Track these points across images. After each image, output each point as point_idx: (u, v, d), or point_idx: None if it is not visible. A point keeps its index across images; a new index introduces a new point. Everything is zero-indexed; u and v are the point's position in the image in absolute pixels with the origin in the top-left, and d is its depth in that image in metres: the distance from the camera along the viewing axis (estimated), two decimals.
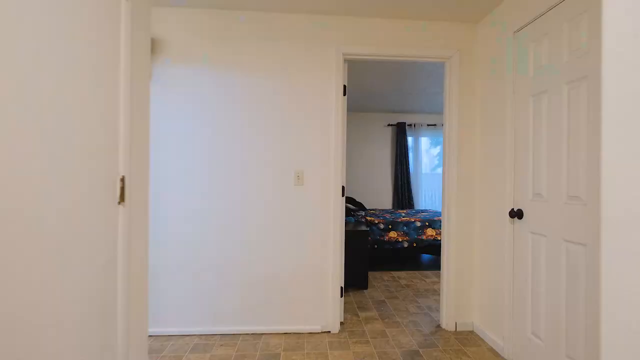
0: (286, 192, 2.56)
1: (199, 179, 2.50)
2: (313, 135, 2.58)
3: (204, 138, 2.51)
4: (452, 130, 2.66)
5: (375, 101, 5.51)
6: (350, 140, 6.33)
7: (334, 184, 2.59)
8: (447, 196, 2.66)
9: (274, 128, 2.56)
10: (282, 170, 2.56)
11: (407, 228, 4.50)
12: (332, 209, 2.59)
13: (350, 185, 6.29)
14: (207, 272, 2.51)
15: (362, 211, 5.07)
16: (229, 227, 2.53)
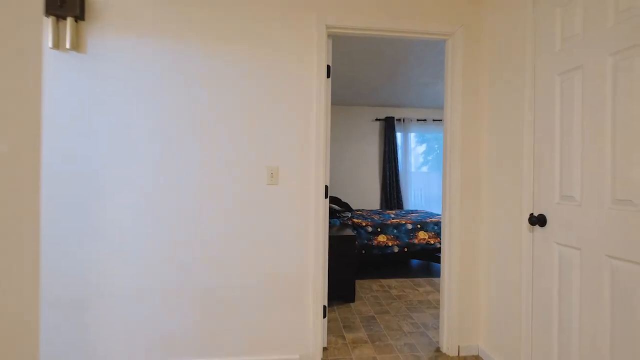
0: (257, 194, 2.10)
1: (142, 179, 2.02)
2: (290, 125, 2.13)
3: (147, 128, 2.03)
4: (455, 122, 2.25)
5: (361, 93, 5.10)
6: (336, 136, 5.90)
7: (316, 183, 2.15)
8: (449, 199, 2.25)
9: (241, 116, 2.09)
10: (252, 167, 2.10)
11: (398, 231, 4.11)
12: (313, 213, 2.15)
13: (335, 184, 5.87)
14: (155, 292, 2.03)
15: (348, 212, 4.66)
16: (183, 238, 2.05)
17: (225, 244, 2.08)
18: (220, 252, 2.08)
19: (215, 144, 2.07)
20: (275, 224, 2.12)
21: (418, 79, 4.34)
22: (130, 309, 2.02)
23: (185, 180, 2.05)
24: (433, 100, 5.45)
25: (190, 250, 2.06)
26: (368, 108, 5.97)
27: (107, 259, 2.00)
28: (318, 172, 2.15)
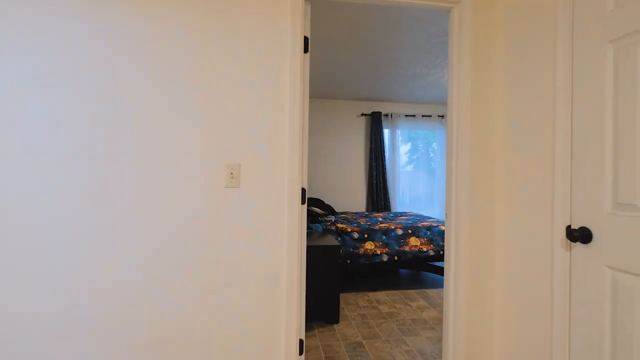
0: (209, 201, 1.62)
1: (51, 179, 1.50)
2: (256, 112, 1.66)
3: (59, 116, 1.51)
4: (462, 108, 1.82)
5: (345, 85, 4.65)
6: (317, 131, 5.44)
7: (290, 185, 1.68)
8: (454, 205, 1.83)
9: (190, 101, 1.60)
10: (205, 166, 1.61)
11: (387, 237, 3.68)
12: (286, 224, 1.68)
13: (317, 184, 5.41)
14: (50, 340, 1.52)
15: (331, 216, 4.21)
16: (102, 260, 1.55)
17: (164, 269, 1.58)
18: (156, 275, 1.58)
19: (154, 135, 1.57)
20: (235, 239, 1.63)
21: (408, 70, 3.92)
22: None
23: (101, 181, 1.54)
24: (423, 95, 5.06)
25: (119, 272, 1.55)
26: (353, 102, 5.53)
27: None
28: (293, 171, 1.68)
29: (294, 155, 1.68)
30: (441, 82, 4.35)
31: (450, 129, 1.89)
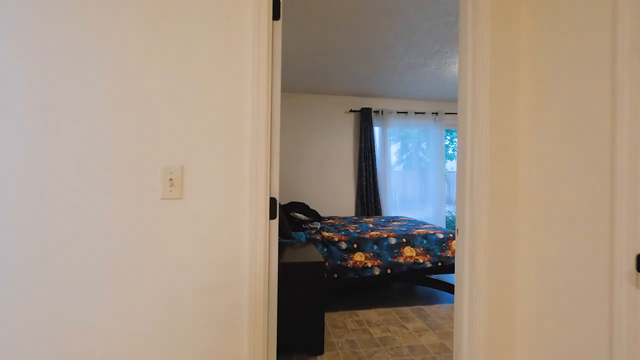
0: (142, 215, 1.17)
1: None
2: (207, 100, 1.22)
3: None
4: (480, 97, 1.41)
5: (332, 78, 4.23)
6: (302, 129, 5.00)
7: (254, 195, 1.24)
8: (470, 225, 1.42)
9: (111, 84, 1.15)
10: (135, 168, 1.16)
11: (378, 247, 3.27)
12: (247, 253, 1.25)
13: (301, 187, 4.97)
14: None
15: (316, 222, 3.78)
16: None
17: (75, 310, 1.13)
18: (65, 323, 1.12)
19: (62, 126, 1.11)
20: (174, 271, 1.19)
21: (402, 59, 3.52)
22: None
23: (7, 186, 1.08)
24: (418, 89, 4.67)
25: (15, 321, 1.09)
26: (340, 97, 5.11)
27: None
28: (257, 177, 1.25)
29: (258, 156, 1.25)
30: (438, 74, 3.96)
31: (462, 132, 1.48)
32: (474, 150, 1.42)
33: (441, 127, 5.35)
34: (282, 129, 4.92)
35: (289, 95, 4.92)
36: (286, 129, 4.93)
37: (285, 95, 4.92)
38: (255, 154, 1.24)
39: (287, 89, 4.73)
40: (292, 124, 4.94)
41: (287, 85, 4.56)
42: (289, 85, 4.58)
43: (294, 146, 4.95)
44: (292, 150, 4.95)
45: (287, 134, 4.94)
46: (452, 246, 3.40)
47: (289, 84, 4.52)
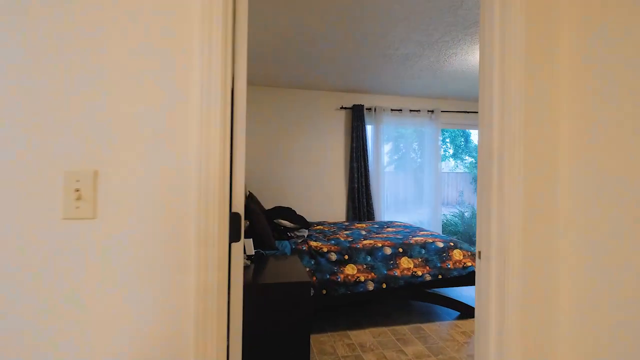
0: (30, 244, 0.78)
1: None
2: (134, 76, 0.84)
3: None
4: (513, 78, 1.07)
5: (321, 72, 3.87)
6: (288, 128, 4.63)
7: (207, 210, 0.87)
8: (498, 244, 1.07)
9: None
10: (23, 176, 0.78)
11: (372, 258, 2.93)
12: (192, 301, 0.87)
13: (287, 191, 4.60)
14: None
15: (303, 230, 3.42)
16: None
17: None
18: None
19: None
20: (82, 324, 0.81)
21: (398, 49, 3.18)
22: None
23: None
24: (414, 84, 4.34)
25: None
26: (330, 93, 4.76)
27: None
28: (212, 185, 0.88)
29: (212, 156, 0.88)
30: (436, 67, 3.64)
31: (484, 124, 1.13)
32: (503, 152, 1.07)
33: (437, 125, 5.04)
34: (266, 127, 4.54)
35: (273, 90, 4.54)
36: (270, 127, 4.56)
37: (269, 90, 4.54)
38: (208, 156, 0.88)
39: (270, 83, 4.36)
40: (277, 121, 4.57)
41: (270, 79, 4.18)
42: (273, 79, 4.21)
43: (280, 146, 4.57)
44: (277, 150, 4.57)
45: (272, 132, 4.56)
46: (454, 256, 3.08)
47: (272, 78, 4.15)
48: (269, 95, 4.53)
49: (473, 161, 15.54)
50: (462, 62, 3.45)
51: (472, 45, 3.03)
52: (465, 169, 15.72)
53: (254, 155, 4.48)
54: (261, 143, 4.51)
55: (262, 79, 4.16)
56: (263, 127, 4.52)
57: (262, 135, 4.51)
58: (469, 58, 3.34)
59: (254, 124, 4.50)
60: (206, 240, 0.87)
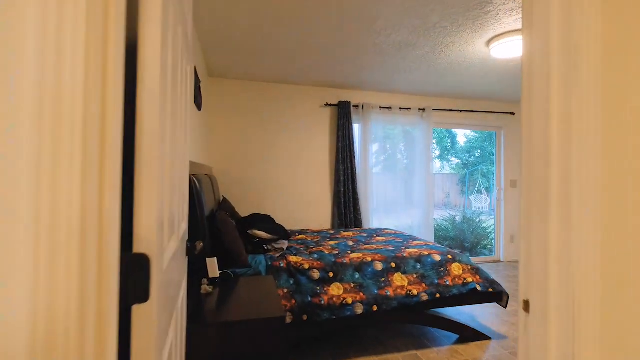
0: None
1: None
2: None
3: None
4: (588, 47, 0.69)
5: (304, 65, 3.47)
6: (268, 126, 4.21)
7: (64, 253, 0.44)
8: (565, 282, 0.69)
9: None
10: None
11: (361, 275, 2.54)
12: None
13: (265, 195, 4.17)
14: None
15: (283, 241, 3.00)
16: None
17: None
18: None
19: None
20: None
21: (390, 36, 2.81)
22: None
23: None
24: (403, 80, 3.99)
25: None
26: (314, 89, 4.36)
27: None
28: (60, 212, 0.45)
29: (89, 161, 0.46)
30: (431, 60, 3.28)
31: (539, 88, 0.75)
32: (569, 148, 0.69)
33: (429, 125, 4.70)
34: (243, 125, 4.10)
35: (250, 85, 4.11)
36: (247, 126, 4.12)
37: (245, 84, 4.11)
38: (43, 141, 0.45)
39: (246, 76, 3.93)
40: (254, 119, 4.14)
41: (246, 71, 3.75)
42: (248, 72, 3.78)
43: (258, 146, 4.14)
44: (255, 151, 4.14)
45: (249, 131, 4.13)
46: (452, 271, 2.72)
47: (247, 70, 3.72)
48: (245, 90, 4.10)
49: (460, 162, 15.45)
50: (459, 53, 3.10)
51: (473, 32, 2.68)
52: (451, 171, 15.62)
53: (228, 156, 4.04)
54: (237, 143, 4.07)
55: (235, 71, 3.72)
56: (239, 125, 4.08)
57: (237, 135, 4.07)
58: (467, 49, 3.00)
59: (228, 122, 4.05)
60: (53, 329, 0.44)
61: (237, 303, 1.72)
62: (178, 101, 1.08)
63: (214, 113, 3.99)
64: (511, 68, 3.49)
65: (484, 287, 2.70)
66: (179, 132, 1.15)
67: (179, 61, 1.01)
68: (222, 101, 4.01)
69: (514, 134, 5.22)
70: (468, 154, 15.49)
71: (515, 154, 5.24)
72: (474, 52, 3.08)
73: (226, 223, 2.34)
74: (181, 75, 1.11)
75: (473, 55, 3.14)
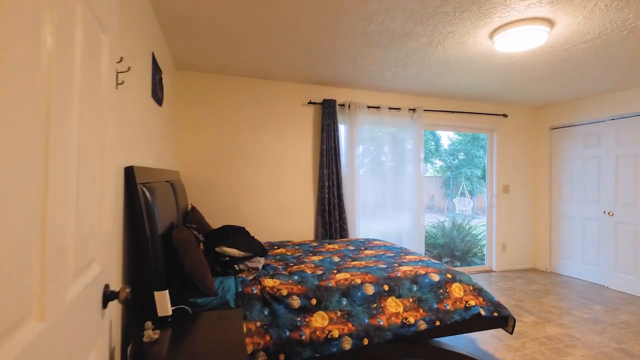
0: None
1: None
2: None
3: None
4: None
5: (284, 58, 3.07)
6: (244, 126, 3.78)
7: None
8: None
9: None
10: None
11: (349, 301, 2.16)
12: None
13: (241, 204, 3.74)
14: None
15: (258, 258, 2.58)
16: None
17: None
18: None
19: None
20: None
21: (382, 23, 2.45)
22: None
23: None
24: (395, 76, 3.64)
25: None
26: (296, 85, 3.96)
27: None
28: None
29: None
30: (426, 53, 2.94)
31: None
32: None
33: (419, 126, 4.38)
34: (217, 125, 3.66)
35: (224, 80, 3.68)
36: (222, 125, 3.69)
37: (219, 79, 3.67)
38: None
39: (219, 69, 3.49)
40: (230, 118, 3.70)
41: (220, 64, 3.32)
42: (223, 65, 3.35)
43: (233, 148, 3.71)
44: (230, 153, 3.70)
45: (224, 131, 3.69)
46: (452, 293, 2.38)
47: (221, 62, 3.29)
48: (219, 85, 3.66)
49: (444, 165, 15.36)
50: (458, 46, 2.77)
51: (477, 21, 2.35)
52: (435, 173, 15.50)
53: (199, 160, 3.58)
54: (209, 145, 3.62)
55: (208, 63, 3.29)
56: (212, 125, 3.63)
57: (210, 136, 3.63)
58: (468, 41, 2.67)
59: (199, 122, 3.60)
60: None
61: (190, 354, 1.30)
62: (76, 72, 0.68)
63: (183, 111, 3.53)
64: (511, 65, 3.19)
65: (488, 311, 2.37)
66: (87, 117, 0.74)
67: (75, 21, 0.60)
68: (192, 97, 3.56)
69: (507, 136, 4.97)
70: (452, 157, 15.43)
71: (508, 157, 5.00)
72: (475, 45, 2.76)
73: (185, 243, 1.91)
74: (85, 40, 0.71)
75: (474, 48, 2.82)
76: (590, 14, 2.23)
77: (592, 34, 2.52)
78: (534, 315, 3.34)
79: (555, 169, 4.92)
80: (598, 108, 4.33)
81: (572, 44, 2.70)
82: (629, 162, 4.05)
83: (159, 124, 2.56)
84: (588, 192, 4.50)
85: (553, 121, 4.91)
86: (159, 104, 2.49)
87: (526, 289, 4.15)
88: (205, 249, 2.42)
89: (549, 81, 3.71)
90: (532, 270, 5.02)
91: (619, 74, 3.44)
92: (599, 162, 4.38)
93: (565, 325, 3.11)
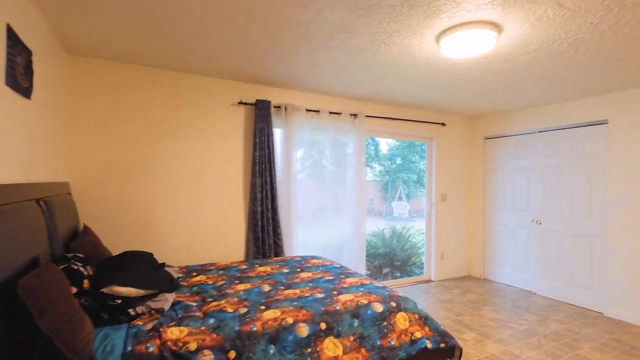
0: None
1: None
2: None
3: None
4: None
5: (210, 50, 2.58)
6: (156, 126, 3.18)
7: None
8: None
9: None
10: None
11: (278, 349, 1.76)
12: None
13: (154, 221, 3.12)
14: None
15: (165, 295, 2.04)
16: None
17: None
18: None
19: None
20: None
21: (321, 12, 2.09)
22: None
23: None
24: (336, 77, 3.32)
25: None
26: (223, 82, 3.46)
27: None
28: None
29: None
30: (369, 52, 2.65)
31: None
32: None
33: (361, 132, 4.14)
34: (122, 124, 3.01)
35: (134, 70, 3.04)
36: (129, 125, 3.05)
37: (126, 68, 3.03)
38: None
39: (127, 58, 2.87)
40: (139, 117, 3.07)
41: (127, 51, 2.71)
42: (131, 52, 2.74)
43: (142, 155, 3.09)
44: (139, 160, 3.07)
45: (132, 133, 3.05)
46: (397, 324, 2.09)
47: (129, 49, 2.68)
48: (126, 77, 3.02)
49: (382, 169, 15.72)
50: (402, 47, 2.53)
51: (424, 20, 2.10)
52: (374, 177, 15.79)
53: (97, 168, 2.90)
54: (110, 149, 2.96)
55: (110, 49, 2.65)
56: (114, 126, 2.98)
57: (113, 138, 2.96)
58: (413, 42, 2.43)
59: (97, 121, 2.93)
60: None
61: None
62: None
63: (76, 106, 2.83)
64: (455, 72, 3.06)
65: (435, 342, 2.13)
66: None
67: None
68: (89, 90, 2.87)
69: (445, 145, 4.97)
70: (390, 161, 15.84)
71: (447, 166, 4.99)
72: (420, 48, 2.53)
73: (39, 293, 1.34)
74: None
75: (419, 51, 2.59)
76: (538, 22, 2.11)
77: (535, 44, 2.43)
78: (474, 331, 3.24)
79: (489, 179, 5.03)
80: (528, 120, 4.48)
81: (515, 54, 2.61)
82: (555, 173, 4.22)
83: (25, 122, 1.91)
84: (518, 201, 4.64)
85: (487, 131, 5.02)
86: (23, 94, 1.85)
87: (464, 300, 4.11)
88: (91, 289, 1.83)
89: (488, 91, 3.69)
90: (468, 278, 5.07)
91: (550, 88, 3.51)
92: (528, 172, 4.52)
93: (505, 341, 3.04)
